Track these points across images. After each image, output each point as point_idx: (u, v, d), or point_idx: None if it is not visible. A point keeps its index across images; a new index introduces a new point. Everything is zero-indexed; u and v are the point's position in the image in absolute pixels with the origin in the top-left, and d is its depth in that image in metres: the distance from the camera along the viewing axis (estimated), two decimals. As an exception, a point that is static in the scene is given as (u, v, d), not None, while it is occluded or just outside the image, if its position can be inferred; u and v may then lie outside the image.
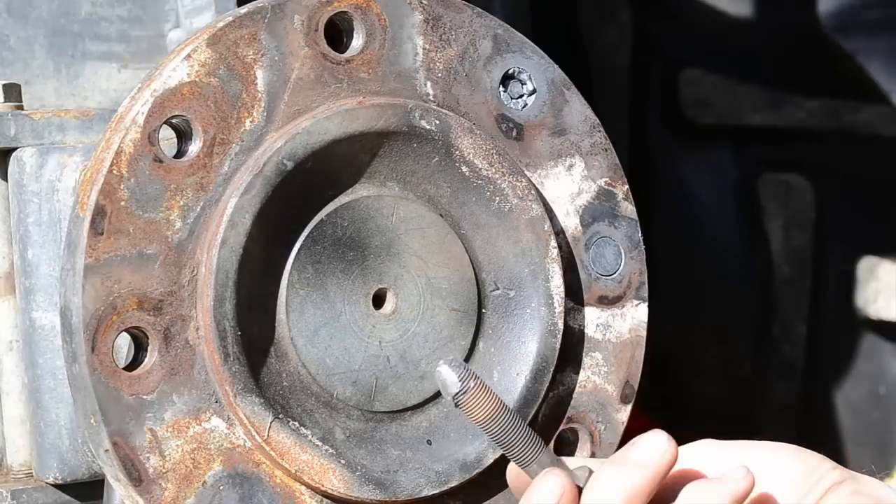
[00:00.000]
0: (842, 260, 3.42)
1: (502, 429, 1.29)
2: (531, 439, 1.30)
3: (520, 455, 1.30)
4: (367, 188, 1.42)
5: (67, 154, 1.56)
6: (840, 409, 3.47)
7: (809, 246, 3.42)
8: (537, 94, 1.50)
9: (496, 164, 1.44)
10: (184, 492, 1.34)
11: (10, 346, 1.59)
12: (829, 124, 3.41)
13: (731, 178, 3.43)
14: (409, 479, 1.40)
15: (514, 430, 1.30)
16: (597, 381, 1.51)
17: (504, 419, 1.29)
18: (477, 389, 1.27)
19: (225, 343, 1.33)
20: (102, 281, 1.31)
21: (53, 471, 1.56)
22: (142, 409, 1.32)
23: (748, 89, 3.39)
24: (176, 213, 1.34)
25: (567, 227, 1.50)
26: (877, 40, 3.39)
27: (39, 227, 1.56)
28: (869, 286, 3.39)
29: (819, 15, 3.38)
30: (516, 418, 1.30)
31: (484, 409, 1.28)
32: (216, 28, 1.36)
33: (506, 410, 1.29)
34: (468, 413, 1.28)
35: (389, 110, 1.40)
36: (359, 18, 1.42)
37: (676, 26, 3.44)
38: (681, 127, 3.40)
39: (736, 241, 3.44)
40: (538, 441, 1.31)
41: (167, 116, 1.34)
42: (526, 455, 1.30)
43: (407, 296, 1.43)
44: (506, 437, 1.29)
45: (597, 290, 1.52)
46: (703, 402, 3.45)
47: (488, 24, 1.48)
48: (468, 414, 1.28)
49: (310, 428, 1.37)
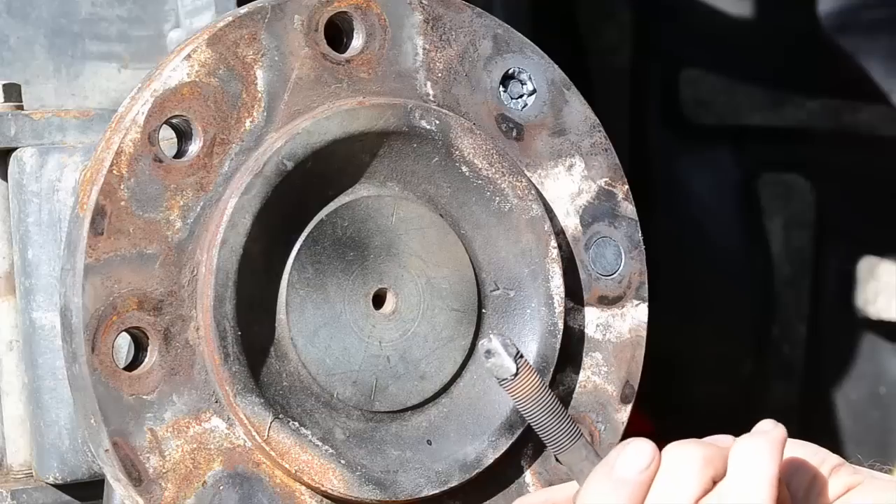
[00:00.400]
0: (842, 260, 3.42)
1: (544, 412, 1.28)
2: (571, 426, 1.30)
3: (558, 441, 1.29)
4: (367, 188, 1.42)
5: (67, 154, 1.56)
6: (840, 409, 3.47)
7: (809, 246, 3.42)
8: (537, 94, 1.50)
9: (496, 164, 1.44)
10: (184, 492, 1.34)
11: (10, 346, 1.59)
12: (829, 124, 3.41)
13: (731, 178, 3.43)
14: (409, 479, 1.40)
15: (555, 415, 1.29)
16: (597, 381, 1.51)
17: (547, 402, 1.28)
18: (524, 369, 1.27)
19: (225, 343, 1.33)
20: (102, 281, 1.31)
21: (53, 471, 1.56)
22: (142, 409, 1.32)
23: (748, 89, 3.40)
24: (176, 213, 1.34)
25: (567, 227, 1.50)
26: (877, 40, 3.39)
27: (39, 227, 1.56)
28: (869, 286, 3.39)
29: (819, 15, 3.39)
30: (558, 403, 1.29)
31: (529, 390, 1.27)
32: (216, 28, 1.36)
33: (549, 393, 1.29)
34: (514, 393, 1.27)
35: (389, 110, 1.40)
36: (359, 18, 1.42)
37: (676, 26, 3.44)
38: (681, 127, 3.40)
39: (736, 241, 3.44)
40: (577, 428, 1.30)
41: (167, 116, 1.34)
42: (564, 441, 1.29)
43: (407, 296, 1.43)
44: (546, 421, 1.28)
45: (597, 291, 1.52)
46: (703, 402, 3.45)
47: (488, 24, 1.48)
48: (513, 394, 1.27)
49: (310, 428, 1.37)
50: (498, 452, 1.42)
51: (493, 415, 1.43)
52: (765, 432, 1.27)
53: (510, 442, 1.43)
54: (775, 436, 1.27)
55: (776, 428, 1.27)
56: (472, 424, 1.43)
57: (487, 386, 1.44)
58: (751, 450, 1.25)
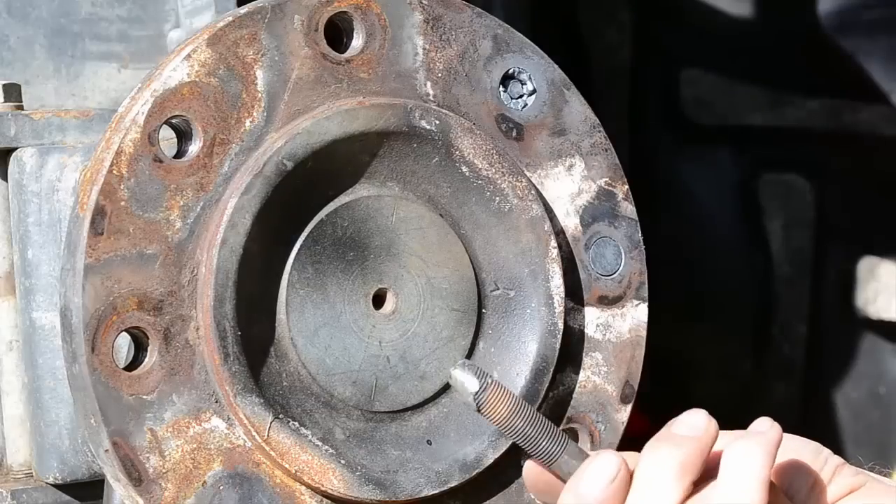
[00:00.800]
0: (842, 260, 3.42)
1: (525, 427, 1.27)
2: (555, 434, 1.28)
3: (546, 452, 1.28)
4: (367, 188, 1.42)
5: (67, 154, 1.57)
6: (840, 409, 3.47)
7: (809, 246, 3.42)
8: (537, 94, 1.50)
9: (496, 164, 1.44)
10: (184, 492, 1.34)
11: (10, 346, 1.59)
12: (829, 124, 3.41)
13: (731, 178, 3.43)
14: (409, 479, 1.40)
15: (537, 427, 1.28)
16: (597, 381, 1.51)
17: (526, 416, 1.26)
18: (495, 388, 1.26)
19: (225, 343, 1.33)
20: (102, 281, 1.31)
21: (53, 471, 1.56)
22: (142, 409, 1.32)
23: (748, 89, 3.39)
24: (176, 213, 1.34)
25: (567, 227, 1.50)
26: (877, 40, 3.39)
27: (39, 227, 1.56)
28: (869, 286, 3.39)
29: (819, 15, 3.38)
30: (537, 414, 1.28)
31: (505, 408, 1.26)
32: (216, 28, 1.36)
33: (526, 407, 1.27)
34: (490, 415, 1.26)
35: (389, 110, 1.40)
36: (359, 18, 1.42)
37: (676, 26, 3.44)
38: (681, 127, 3.40)
39: (736, 241, 3.44)
40: (563, 435, 1.29)
41: (167, 116, 1.34)
42: (552, 451, 1.28)
43: (407, 296, 1.43)
44: (529, 435, 1.27)
45: (597, 290, 1.52)
46: (703, 402, 3.44)
47: (488, 24, 1.48)
48: (490, 416, 1.26)
49: (310, 428, 1.37)
50: (498, 452, 1.42)
51: (493, 415, 1.43)
52: (759, 433, 1.26)
53: (510, 442, 1.43)
54: (770, 437, 1.25)
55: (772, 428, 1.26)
56: (472, 424, 1.43)
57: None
58: (742, 452, 1.23)
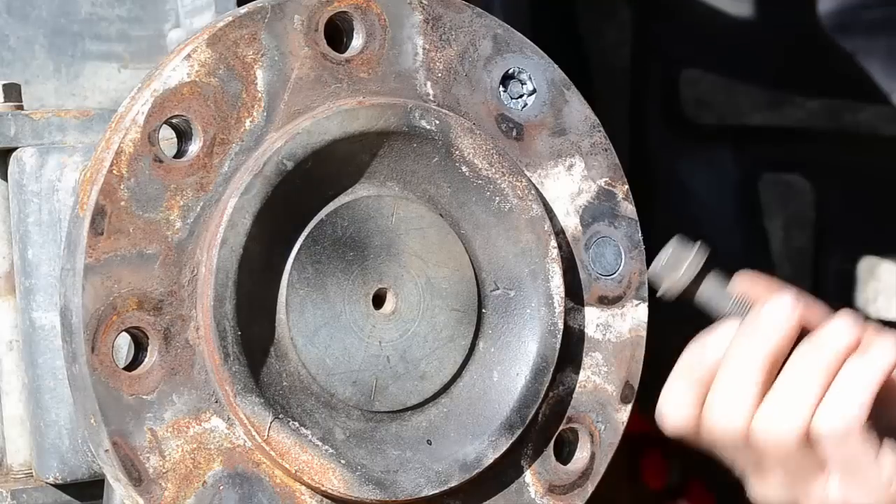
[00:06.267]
0: (842, 260, 3.42)
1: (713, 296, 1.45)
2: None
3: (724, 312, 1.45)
4: (367, 188, 1.42)
5: (67, 154, 1.57)
6: (840, 409, 3.46)
7: (809, 246, 3.42)
8: (537, 94, 1.50)
9: (496, 164, 1.44)
10: (184, 492, 1.34)
11: (10, 346, 1.59)
12: (829, 124, 3.41)
13: (731, 178, 3.43)
14: (409, 479, 1.40)
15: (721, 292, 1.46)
16: (597, 380, 1.51)
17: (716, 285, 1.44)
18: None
19: (225, 343, 1.33)
20: (102, 281, 1.31)
21: (53, 471, 1.56)
22: (142, 409, 1.32)
23: (748, 89, 3.39)
24: (176, 213, 1.34)
25: (567, 227, 1.50)
26: (877, 40, 3.39)
27: (39, 227, 1.56)
28: (869, 286, 3.38)
29: (819, 15, 3.38)
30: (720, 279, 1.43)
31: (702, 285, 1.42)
32: (216, 28, 1.36)
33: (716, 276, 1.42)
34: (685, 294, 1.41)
35: (389, 110, 1.40)
36: (359, 18, 1.42)
37: (676, 26, 3.44)
38: (681, 127, 3.40)
39: (736, 241, 3.44)
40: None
41: (167, 116, 1.34)
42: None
43: (407, 296, 1.43)
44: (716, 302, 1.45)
45: (597, 290, 1.52)
46: (703, 402, 3.44)
47: (488, 24, 1.48)
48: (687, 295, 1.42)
49: (310, 428, 1.37)
50: (498, 452, 1.42)
51: (493, 415, 1.43)
52: (870, 357, 1.37)
53: (510, 442, 1.43)
54: (881, 365, 1.37)
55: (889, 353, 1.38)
56: (472, 424, 1.43)
57: (487, 386, 1.44)
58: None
